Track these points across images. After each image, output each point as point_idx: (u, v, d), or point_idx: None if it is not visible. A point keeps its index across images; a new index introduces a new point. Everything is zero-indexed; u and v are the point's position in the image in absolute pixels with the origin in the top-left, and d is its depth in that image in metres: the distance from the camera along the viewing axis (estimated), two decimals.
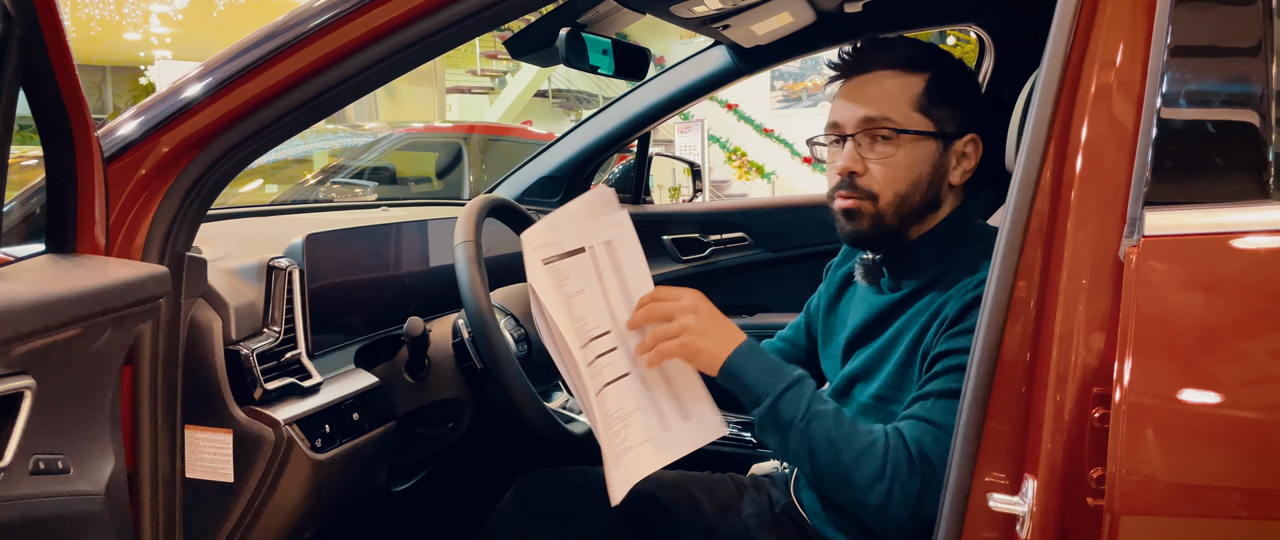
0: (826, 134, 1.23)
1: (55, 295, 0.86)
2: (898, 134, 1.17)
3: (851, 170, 1.18)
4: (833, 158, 1.23)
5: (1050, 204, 0.86)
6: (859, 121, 1.18)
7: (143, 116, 1.10)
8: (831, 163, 1.23)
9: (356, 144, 6.27)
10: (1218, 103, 0.81)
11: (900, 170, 1.18)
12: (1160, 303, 0.77)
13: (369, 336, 1.51)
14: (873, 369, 1.23)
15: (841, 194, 1.20)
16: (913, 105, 1.18)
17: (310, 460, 1.24)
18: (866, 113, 1.18)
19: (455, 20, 1.06)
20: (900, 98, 1.18)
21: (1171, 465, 0.77)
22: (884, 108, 1.17)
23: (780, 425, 1.10)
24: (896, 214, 1.19)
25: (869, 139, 1.18)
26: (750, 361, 1.12)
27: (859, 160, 1.18)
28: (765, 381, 1.11)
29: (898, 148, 1.17)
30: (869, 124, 1.17)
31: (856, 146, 1.18)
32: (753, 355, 1.13)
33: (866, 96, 1.18)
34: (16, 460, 0.83)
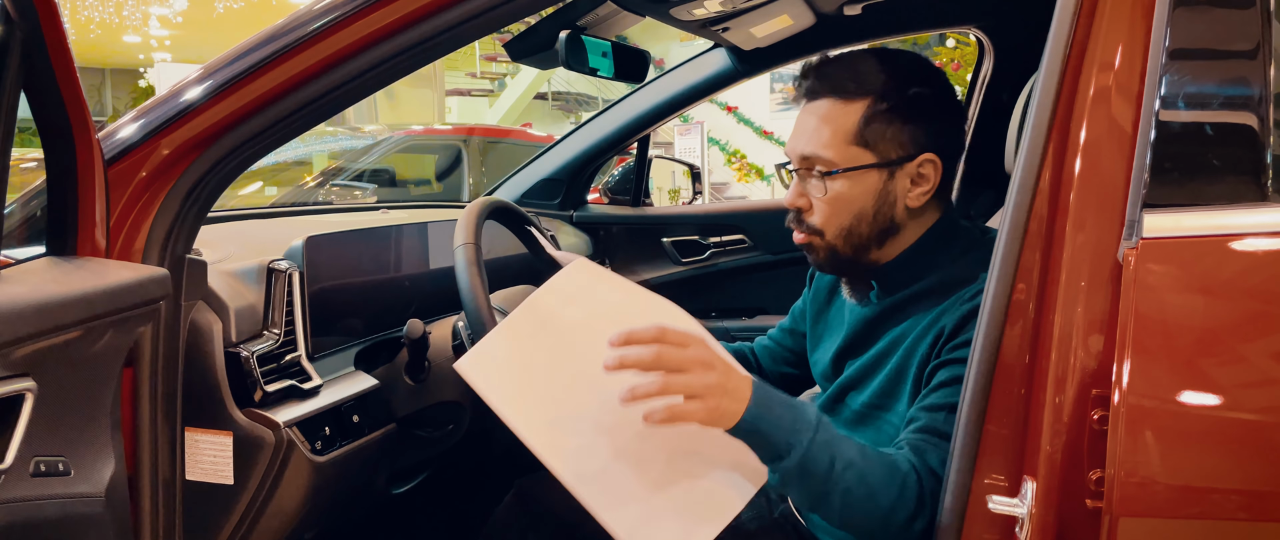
0: (788, 161, 1.21)
1: (56, 298, 0.86)
2: (832, 174, 1.13)
3: (796, 206, 1.18)
4: (791, 184, 1.21)
5: (1049, 206, 0.86)
6: (798, 159, 1.17)
7: (143, 119, 1.10)
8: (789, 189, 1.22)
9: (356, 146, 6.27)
10: (1216, 105, 0.81)
11: (840, 206, 1.14)
12: (1159, 305, 0.78)
13: (369, 338, 1.52)
14: (865, 378, 1.22)
15: (796, 228, 1.20)
16: (848, 139, 1.13)
17: (310, 462, 1.24)
18: (801, 150, 1.16)
19: (455, 24, 1.06)
20: (836, 132, 1.13)
21: (1170, 467, 0.77)
22: (817, 145, 1.14)
23: (812, 476, 0.97)
24: (848, 245, 1.16)
25: (807, 175, 1.16)
26: (768, 409, 0.96)
27: (803, 196, 1.17)
28: (789, 429, 0.96)
29: (836, 184, 1.13)
30: (805, 162, 1.16)
31: (800, 182, 1.17)
32: (768, 399, 0.97)
33: (804, 131, 1.16)
34: (18, 462, 0.83)
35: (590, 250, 2.47)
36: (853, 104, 1.13)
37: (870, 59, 1.16)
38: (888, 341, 1.19)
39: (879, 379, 1.18)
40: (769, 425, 0.96)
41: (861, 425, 1.20)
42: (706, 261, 2.49)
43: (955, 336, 1.07)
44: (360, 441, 1.35)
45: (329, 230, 1.47)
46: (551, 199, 2.48)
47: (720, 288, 2.46)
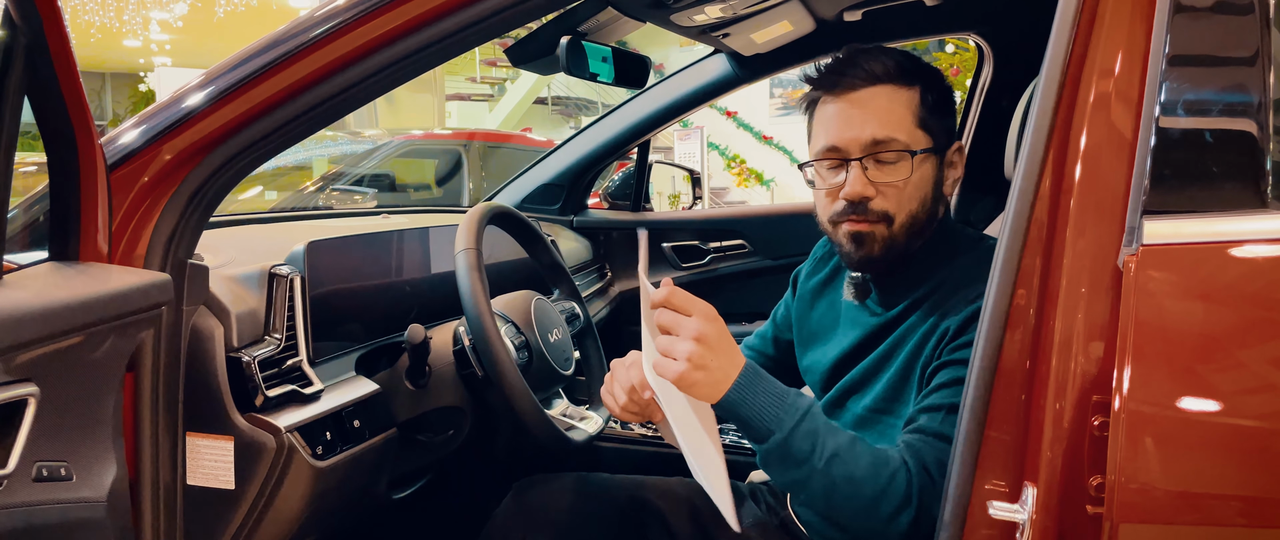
0: (820, 156, 1.17)
1: (59, 303, 0.87)
2: (906, 155, 1.13)
3: (865, 195, 1.13)
4: (830, 181, 1.17)
5: (1049, 212, 0.86)
6: (866, 144, 1.13)
7: (145, 124, 1.10)
8: (828, 187, 1.17)
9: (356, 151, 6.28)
10: (1215, 112, 0.82)
11: (911, 190, 1.14)
12: (1159, 311, 0.78)
13: (370, 343, 1.52)
14: (867, 382, 1.22)
15: (853, 219, 1.15)
16: (916, 122, 1.14)
17: (311, 467, 1.24)
18: (874, 134, 1.12)
19: (456, 31, 1.07)
20: (903, 115, 1.14)
21: (1170, 473, 0.77)
22: (891, 127, 1.13)
23: (793, 462, 1.01)
24: (907, 233, 1.15)
25: (875, 161, 1.13)
26: (752, 395, 1.01)
27: (869, 185, 1.13)
28: (771, 416, 1.00)
29: (907, 168, 1.13)
30: (877, 146, 1.13)
31: (863, 171, 1.13)
32: (754, 386, 1.01)
33: (868, 116, 1.13)
34: (20, 467, 0.83)
35: (590, 255, 2.47)
36: (910, 90, 1.15)
37: (903, 52, 1.18)
38: (890, 343, 1.19)
39: (883, 382, 1.18)
40: (748, 409, 1.00)
41: (864, 429, 1.19)
42: (706, 267, 2.50)
43: (958, 337, 1.08)
44: (361, 446, 1.35)
45: (330, 235, 1.47)
46: (552, 204, 2.49)
47: (720, 293, 2.46)
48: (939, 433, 1.04)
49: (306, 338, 1.32)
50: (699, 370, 0.97)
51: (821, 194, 1.19)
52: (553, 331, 1.56)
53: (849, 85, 1.15)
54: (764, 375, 1.03)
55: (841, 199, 1.15)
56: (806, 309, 1.38)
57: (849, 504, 1.01)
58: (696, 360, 0.97)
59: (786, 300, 1.47)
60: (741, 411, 1.00)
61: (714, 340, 0.98)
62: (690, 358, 0.97)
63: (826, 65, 1.19)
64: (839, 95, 1.16)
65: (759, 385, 1.01)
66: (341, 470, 1.30)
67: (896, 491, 1.00)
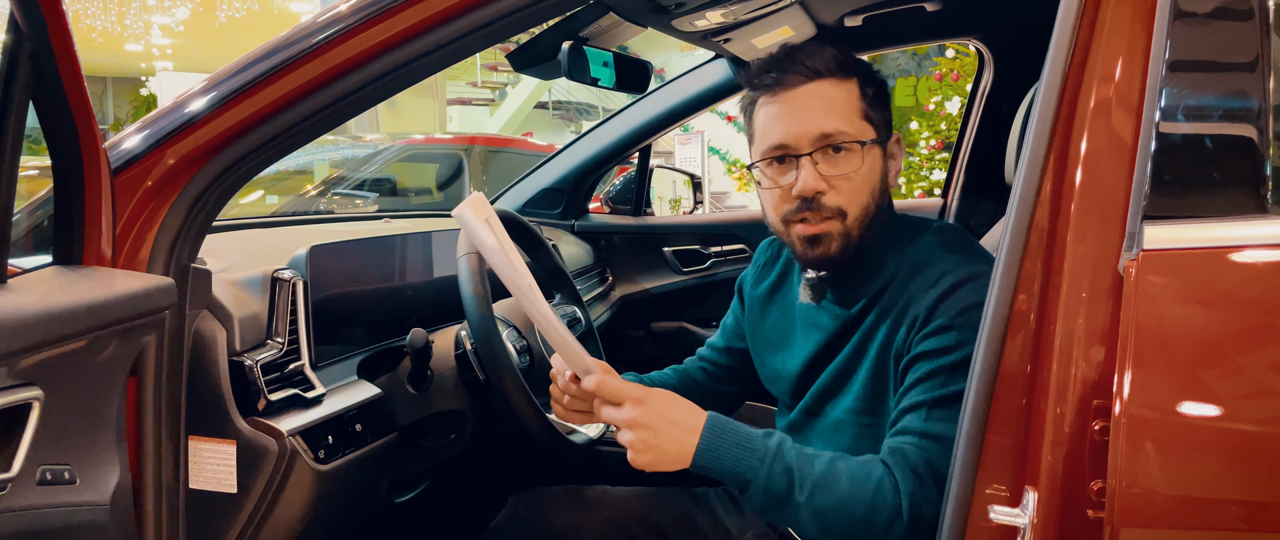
0: (767, 155, 1.15)
1: (62, 307, 0.87)
2: (856, 146, 1.12)
3: (817, 190, 1.12)
4: (779, 180, 1.15)
5: (1050, 217, 0.86)
6: (815, 138, 1.12)
7: (149, 129, 1.10)
8: (778, 186, 1.15)
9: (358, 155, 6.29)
10: (1216, 117, 0.82)
11: (861, 182, 1.13)
12: (1159, 316, 0.78)
13: (372, 347, 1.52)
14: (841, 385, 1.20)
15: (804, 217, 1.13)
16: (859, 114, 1.14)
17: (313, 471, 1.24)
18: (822, 128, 1.11)
19: (457, 36, 1.07)
20: (847, 107, 1.13)
21: (1171, 478, 0.77)
22: (838, 120, 1.12)
23: (775, 502, 1.03)
24: (861, 227, 1.14)
25: (825, 155, 1.12)
26: (720, 451, 1.03)
27: (821, 179, 1.12)
28: (744, 466, 1.02)
29: (857, 160, 1.12)
30: (826, 139, 1.11)
31: (814, 165, 1.12)
32: (719, 442, 1.03)
33: (814, 110, 1.12)
34: (24, 471, 0.84)
35: (591, 259, 2.47)
36: (848, 83, 1.14)
37: (835, 47, 1.18)
38: (857, 342, 1.17)
39: (858, 384, 1.16)
40: (720, 465, 1.03)
41: (845, 433, 1.18)
42: (707, 271, 2.50)
43: (927, 325, 1.07)
44: (363, 450, 1.35)
45: (332, 239, 1.47)
46: (553, 208, 2.49)
47: (720, 297, 2.47)
48: (924, 431, 1.03)
49: (309, 342, 1.32)
50: (648, 452, 1.02)
51: (772, 194, 1.17)
52: None
53: (791, 83, 1.14)
54: (727, 427, 1.04)
55: (794, 197, 1.13)
56: (759, 317, 1.35)
57: (842, 525, 1.02)
58: (639, 447, 1.02)
59: (734, 309, 1.44)
60: (714, 469, 1.03)
61: (653, 420, 1.02)
62: (633, 446, 1.02)
63: (762, 65, 1.17)
64: (779, 94, 1.15)
65: (725, 439, 1.03)
66: (343, 474, 1.31)
67: (884, 503, 1.01)
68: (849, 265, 1.17)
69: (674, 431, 1.02)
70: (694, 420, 1.04)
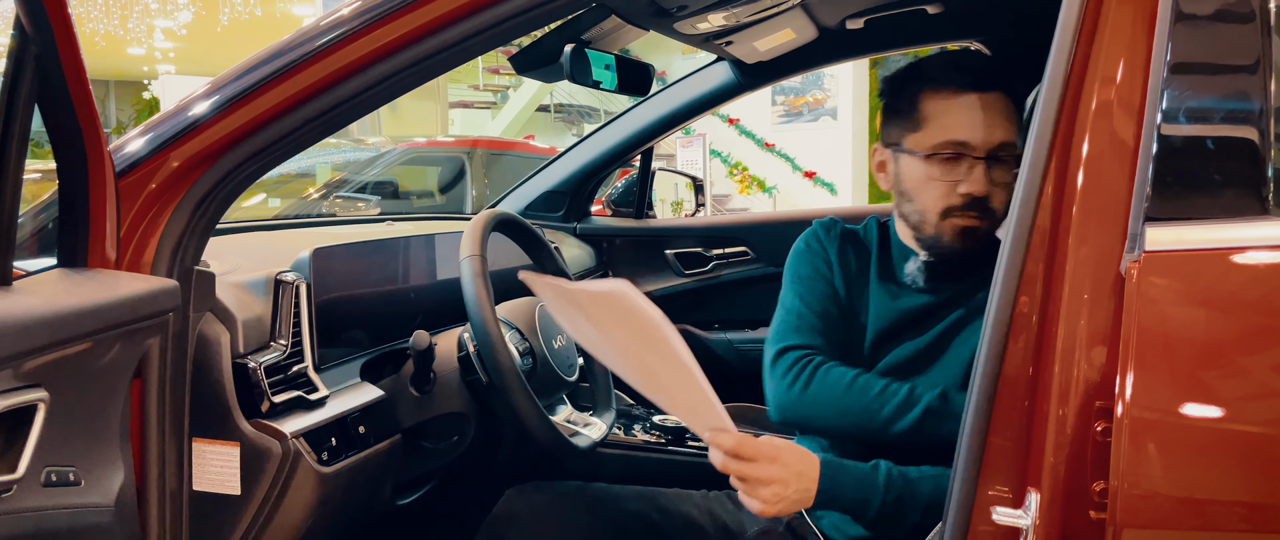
0: (942, 149, 1.20)
1: (67, 309, 0.87)
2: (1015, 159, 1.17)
3: (987, 193, 1.18)
4: (947, 174, 1.20)
5: (1052, 219, 0.86)
6: (993, 146, 1.18)
7: (153, 132, 1.11)
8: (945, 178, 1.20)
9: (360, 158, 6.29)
10: (1217, 119, 0.82)
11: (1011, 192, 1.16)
12: (1161, 318, 0.78)
13: (375, 350, 1.52)
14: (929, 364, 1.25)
15: (969, 215, 1.19)
16: (1018, 128, 1.20)
17: (316, 473, 1.24)
18: (1002, 137, 1.18)
19: (460, 40, 1.08)
20: (1013, 120, 1.20)
21: (1173, 479, 0.77)
22: (1010, 132, 1.19)
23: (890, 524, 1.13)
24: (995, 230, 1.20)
25: (996, 162, 1.18)
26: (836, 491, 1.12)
27: (990, 184, 1.18)
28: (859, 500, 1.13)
29: (1012, 172, 1.18)
30: (1001, 149, 1.18)
31: (987, 169, 1.18)
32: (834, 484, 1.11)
33: (995, 119, 1.18)
34: (29, 472, 0.84)
35: (593, 262, 2.47)
36: (1010, 99, 1.21)
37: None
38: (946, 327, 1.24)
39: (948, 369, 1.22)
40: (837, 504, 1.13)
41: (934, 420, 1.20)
42: (709, 273, 2.50)
43: None
44: (366, 452, 1.35)
45: (336, 242, 1.47)
46: (555, 211, 2.49)
47: (723, 299, 2.47)
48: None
49: (312, 344, 1.33)
50: (779, 503, 1.09)
51: (936, 187, 1.21)
52: (557, 338, 1.56)
53: (975, 84, 1.19)
54: (839, 469, 1.12)
55: (962, 194, 1.19)
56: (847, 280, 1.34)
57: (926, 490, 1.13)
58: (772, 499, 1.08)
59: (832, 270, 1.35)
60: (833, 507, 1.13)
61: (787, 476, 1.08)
62: (767, 500, 1.08)
63: (939, 62, 1.23)
64: (960, 93, 1.20)
65: (839, 480, 1.12)
66: (346, 476, 1.31)
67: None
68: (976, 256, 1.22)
69: (801, 482, 1.09)
70: (811, 468, 1.11)
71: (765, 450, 1.08)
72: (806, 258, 1.36)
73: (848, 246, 1.35)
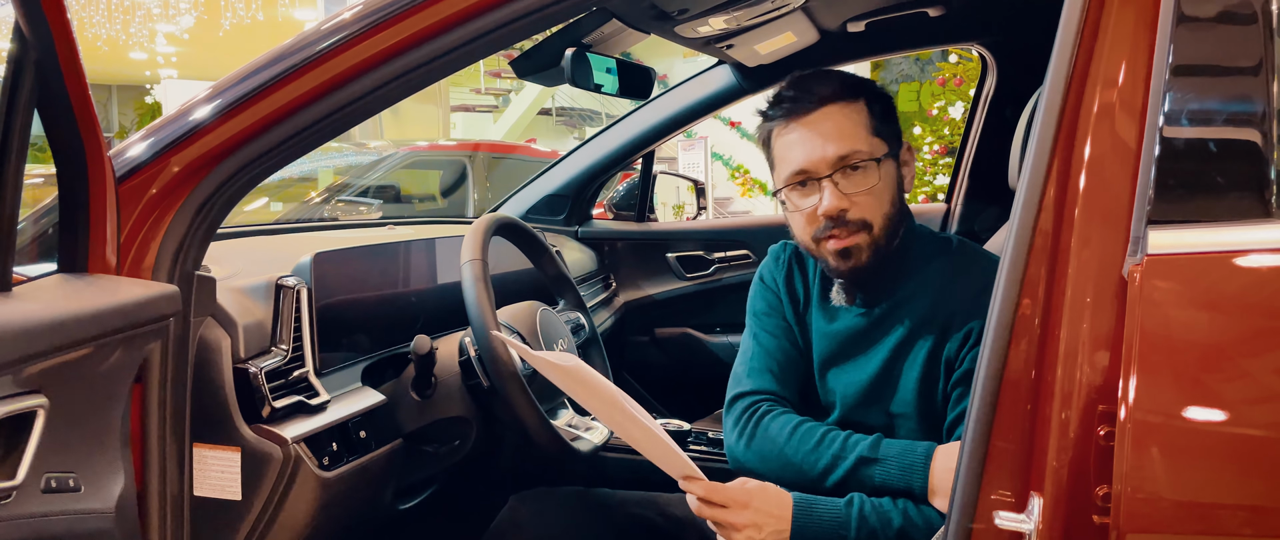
0: (790, 181, 1.22)
1: (68, 315, 0.87)
2: (871, 162, 1.19)
3: (841, 208, 1.18)
4: (804, 204, 1.22)
5: (1054, 222, 0.86)
6: (832, 161, 1.18)
7: (154, 137, 1.11)
8: (804, 209, 1.22)
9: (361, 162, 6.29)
10: (1220, 121, 0.82)
11: (880, 195, 1.20)
12: (1164, 321, 0.78)
13: (376, 354, 1.52)
14: (879, 391, 1.24)
15: (833, 234, 1.20)
16: (870, 131, 1.21)
17: (317, 478, 1.24)
18: (838, 151, 1.18)
19: (460, 44, 1.08)
20: (857, 127, 1.20)
21: (1177, 483, 0.77)
22: (851, 142, 1.19)
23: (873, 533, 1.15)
24: (886, 236, 1.21)
25: (844, 175, 1.18)
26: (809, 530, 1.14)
27: (844, 197, 1.19)
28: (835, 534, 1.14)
29: (874, 175, 1.19)
30: (842, 161, 1.18)
31: (835, 186, 1.18)
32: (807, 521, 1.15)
33: (828, 135, 1.19)
34: (29, 478, 0.84)
35: (595, 265, 2.47)
36: (856, 104, 1.21)
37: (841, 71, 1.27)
38: (894, 346, 1.23)
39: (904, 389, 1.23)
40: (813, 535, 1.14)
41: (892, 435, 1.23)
42: (711, 276, 2.50)
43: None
44: (367, 457, 1.35)
45: (336, 247, 1.47)
46: (557, 215, 2.49)
47: (724, 302, 2.47)
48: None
49: (313, 349, 1.32)
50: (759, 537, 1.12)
51: (799, 217, 1.23)
52: (558, 342, 1.56)
53: (802, 111, 1.21)
54: (812, 505, 1.15)
55: (820, 217, 1.20)
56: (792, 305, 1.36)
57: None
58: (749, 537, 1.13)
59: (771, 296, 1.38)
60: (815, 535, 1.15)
61: (760, 519, 1.13)
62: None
63: (775, 98, 1.25)
64: (793, 122, 1.22)
65: (813, 516, 1.15)
66: (348, 481, 1.31)
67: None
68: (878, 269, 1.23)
69: (774, 524, 1.13)
70: (784, 509, 1.14)
71: (737, 495, 1.13)
72: (760, 292, 1.38)
73: (795, 272, 1.37)
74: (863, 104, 1.22)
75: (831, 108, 1.20)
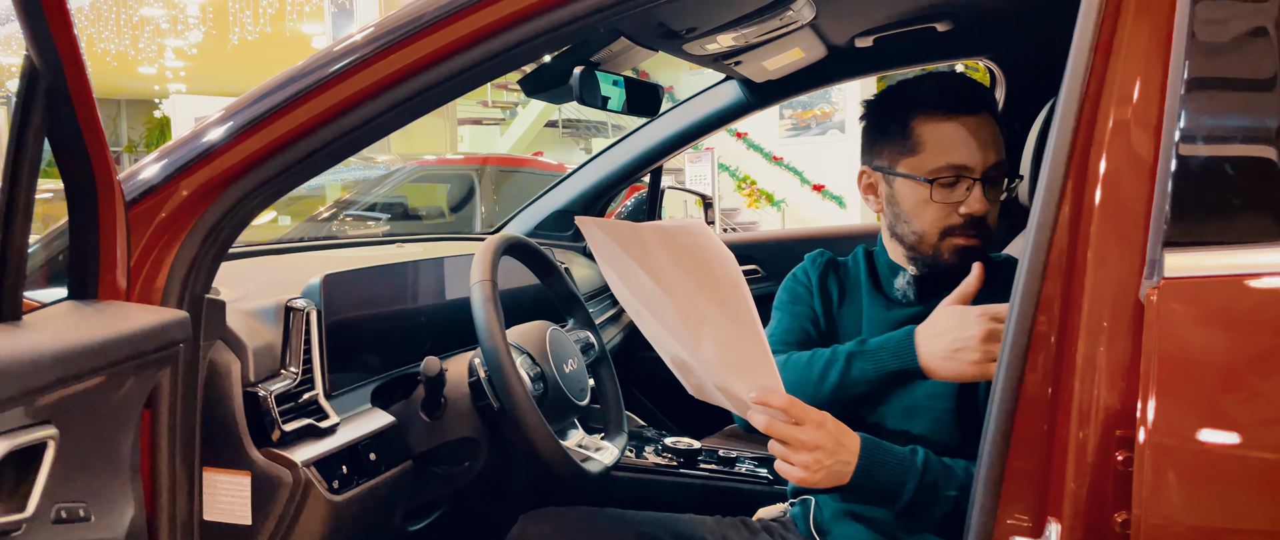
0: (942, 173, 1.22)
1: (78, 345, 0.87)
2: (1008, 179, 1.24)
3: (986, 212, 1.22)
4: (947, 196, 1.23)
5: (1069, 239, 0.85)
6: (989, 166, 1.21)
7: (164, 161, 1.11)
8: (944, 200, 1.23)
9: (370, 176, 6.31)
10: (1236, 140, 0.81)
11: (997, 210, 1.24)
12: (1182, 345, 0.77)
13: (386, 375, 1.52)
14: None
15: (966, 234, 1.23)
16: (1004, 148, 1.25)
17: (327, 502, 1.24)
18: (996, 157, 1.22)
19: (472, 65, 1.07)
20: (1001, 142, 1.24)
21: (1197, 509, 0.76)
22: (1001, 152, 1.23)
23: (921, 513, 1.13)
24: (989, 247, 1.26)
25: (992, 183, 1.22)
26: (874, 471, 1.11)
27: (987, 204, 1.22)
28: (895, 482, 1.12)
29: (1003, 191, 1.24)
30: (996, 170, 1.22)
31: (984, 190, 1.22)
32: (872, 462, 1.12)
33: (988, 140, 1.22)
34: (39, 510, 0.83)
35: (603, 281, 2.47)
36: (992, 119, 1.25)
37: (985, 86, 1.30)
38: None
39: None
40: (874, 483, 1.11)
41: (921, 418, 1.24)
42: None
43: None
44: (377, 480, 1.35)
45: (346, 267, 1.47)
46: (565, 231, 2.49)
47: None
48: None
49: (323, 371, 1.32)
50: (819, 471, 1.08)
51: (935, 208, 1.24)
52: (568, 362, 1.56)
53: (967, 108, 1.23)
54: (878, 447, 1.13)
55: (962, 214, 1.22)
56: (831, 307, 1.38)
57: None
58: (813, 466, 1.08)
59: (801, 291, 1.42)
60: (869, 486, 1.12)
61: (829, 443, 1.08)
62: (807, 466, 1.08)
63: (932, 86, 1.25)
64: (954, 116, 1.23)
65: (877, 459, 1.12)
66: (357, 503, 1.30)
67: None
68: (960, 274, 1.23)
69: (841, 454, 1.09)
70: (853, 442, 1.11)
71: (814, 415, 1.09)
72: (788, 285, 1.42)
73: (830, 274, 1.39)
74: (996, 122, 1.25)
75: (988, 117, 1.24)
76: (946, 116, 1.22)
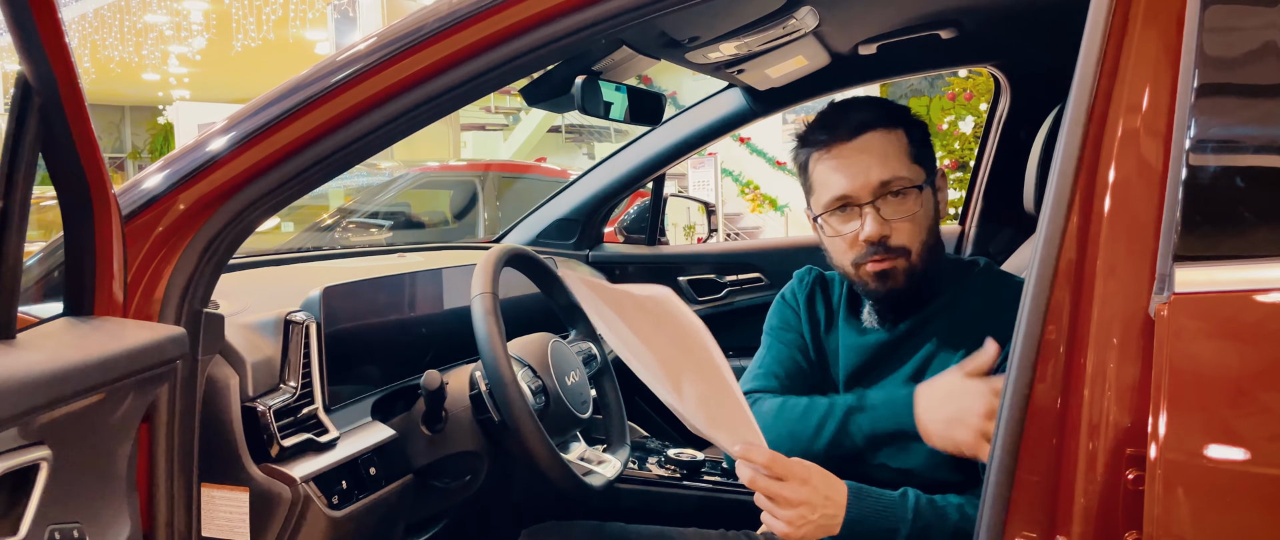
0: (830, 207, 1.23)
1: (72, 365, 0.85)
2: (912, 189, 1.21)
3: (883, 234, 1.20)
4: (844, 229, 1.23)
5: (1078, 250, 0.84)
6: (874, 187, 1.20)
7: (160, 174, 1.10)
8: (844, 234, 1.23)
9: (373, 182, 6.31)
10: (1247, 150, 0.80)
11: (920, 221, 1.22)
12: (1193, 362, 0.75)
13: (386, 388, 1.50)
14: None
15: (874, 259, 1.21)
16: (911, 159, 1.22)
17: (327, 517, 1.22)
18: (880, 177, 1.20)
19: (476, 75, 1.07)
20: (898, 154, 1.22)
21: (1209, 529, 0.74)
22: (893, 168, 1.20)
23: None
24: (924, 262, 1.23)
25: (884, 202, 1.20)
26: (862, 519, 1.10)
27: (885, 223, 1.20)
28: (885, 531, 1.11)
29: (914, 202, 1.21)
30: (884, 187, 1.20)
31: (877, 212, 1.20)
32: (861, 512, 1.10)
33: (873, 161, 1.20)
34: (32, 532, 0.82)
35: None
36: (895, 131, 1.23)
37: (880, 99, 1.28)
38: (916, 363, 1.24)
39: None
40: (866, 530, 1.10)
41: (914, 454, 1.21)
42: (723, 300, 2.48)
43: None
44: (377, 494, 1.33)
45: (346, 278, 1.46)
46: (567, 239, 2.48)
47: (737, 326, 2.44)
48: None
49: (322, 385, 1.31)
50: (806, 527, 1.08)
51: (839, 242, 1.25)
52: (570, 374, 1.54)
53: (842, 138, 1.22)
54: (866, 494, 1.11)
55: (861, 243, 1.22)
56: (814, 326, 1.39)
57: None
58: (798, 523, 1.07)
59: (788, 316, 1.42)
60: (860, 535, 1.10)
61: (816, 498, 1.08)
62: (793, 522, 1.07)
63: (813, 124, 1.27)
64: (833, 149, 1.23)
65: (866, 506, 1.11)
66: (357, 519, 1.29)
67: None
68: (913, 292, 1.25)
69: (829, 507, 1.09)
70: (839, 494, 1.10)
71: (796, 470, 1.08)
72: (779, 309, 1.42)
73: (818, 294, 1.39)
74: (902, 131, 1.23)
75: (872, 135, 1.21)
76: (826, 149, 1.23)
